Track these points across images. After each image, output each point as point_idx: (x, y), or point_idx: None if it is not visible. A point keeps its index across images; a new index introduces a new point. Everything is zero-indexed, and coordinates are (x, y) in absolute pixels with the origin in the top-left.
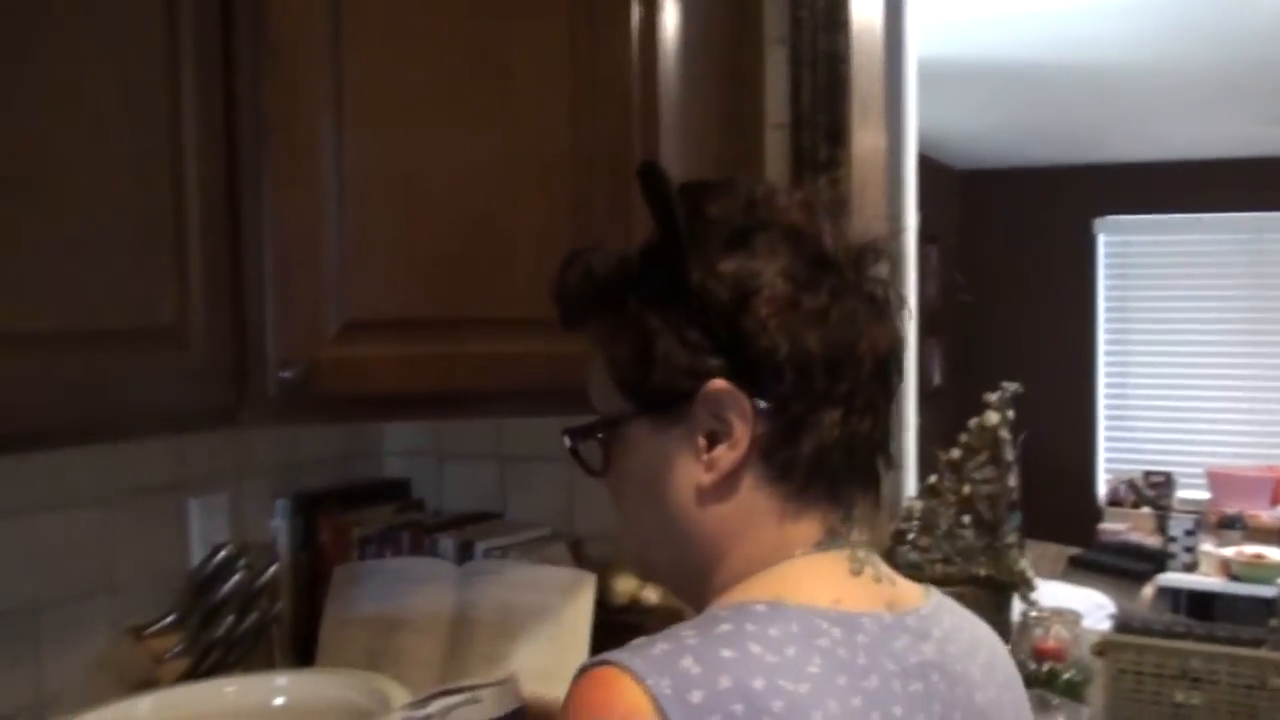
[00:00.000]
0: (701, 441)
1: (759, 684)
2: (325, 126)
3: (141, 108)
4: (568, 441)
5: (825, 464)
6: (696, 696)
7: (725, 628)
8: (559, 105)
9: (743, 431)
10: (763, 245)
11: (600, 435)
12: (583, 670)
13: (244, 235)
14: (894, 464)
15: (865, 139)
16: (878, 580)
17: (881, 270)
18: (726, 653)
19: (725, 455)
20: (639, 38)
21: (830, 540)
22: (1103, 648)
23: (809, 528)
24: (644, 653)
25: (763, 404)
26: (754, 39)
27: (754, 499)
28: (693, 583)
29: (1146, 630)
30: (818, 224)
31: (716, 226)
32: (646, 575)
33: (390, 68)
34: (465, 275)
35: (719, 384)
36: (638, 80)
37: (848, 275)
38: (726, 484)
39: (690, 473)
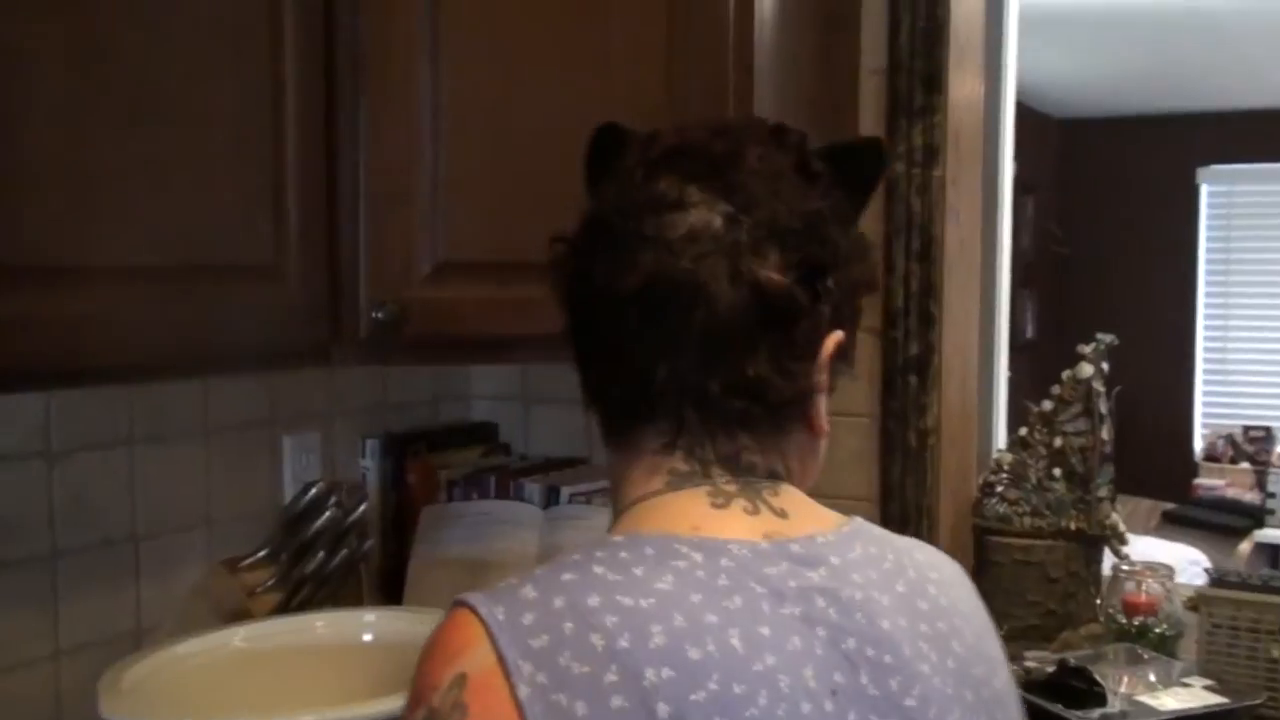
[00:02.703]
0: None
1: (594, 601)
2: (421, 66)
3: (242, 47)
4: None
5: (606, 406)
6: (528, 619)
7: (575, 557)
8: (654, 50)
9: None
10: (621, 184)
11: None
12: (446, 610)
13: (340, 175)
14: (770, 408)
15: (963, 86)
16: (753, 513)
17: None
18: (566, 576)
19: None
20: None
21: (681, 480)
22: (1197, 602)
23: (656, 470)
24: (493, 588)
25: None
26: None
27: (602, 429)
28: (615, 498)
29: (1242, 584)
30: (686, 152)
31: (600, 168)
32: None
33: (487, 8)
34: (555, 219)
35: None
36: (734, 20)
37: (723, 212)
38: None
39: None
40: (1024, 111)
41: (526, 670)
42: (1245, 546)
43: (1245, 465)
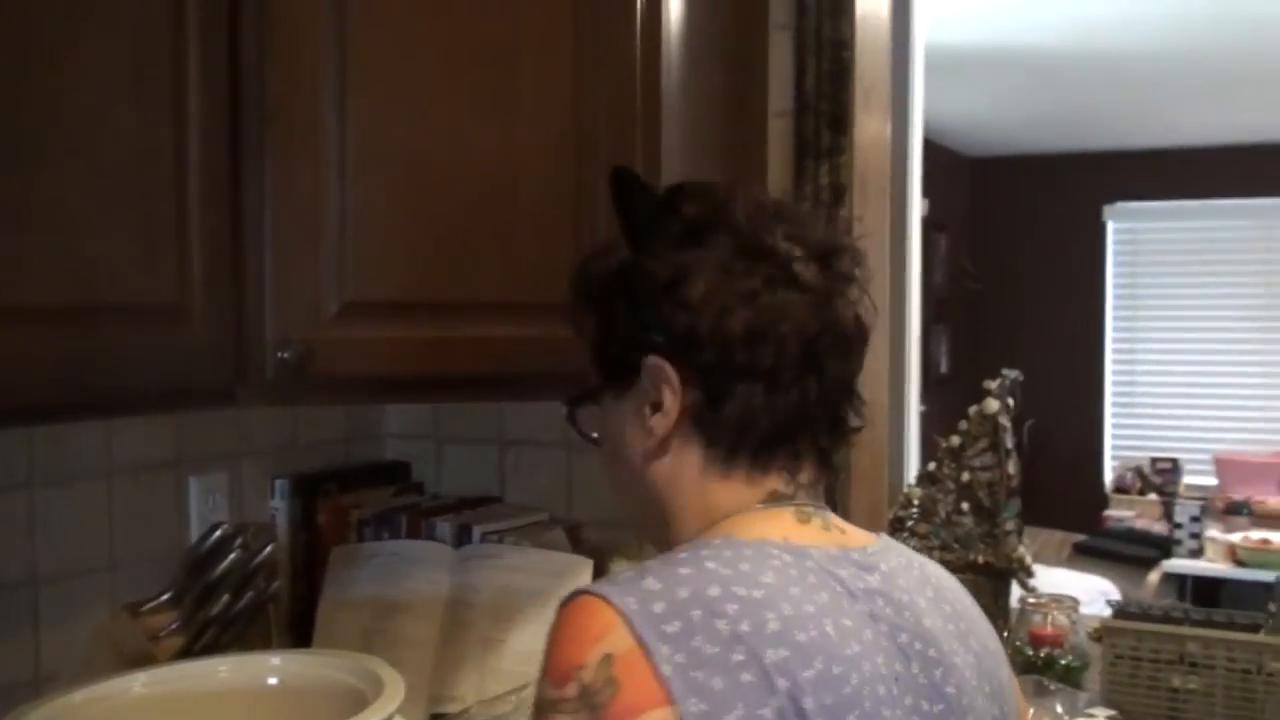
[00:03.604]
0: (646, 410)
1: (714, 591)
2: (328, 106)
3: (146, 85)
4: (564, 409)
5: (750, 431)
6: (659, 607)
7: (682, 555)
8: (561, 89)
9: (671, 401)
10: (710, 240)
11: (579, 404)
12: (562, 604)
13: (245, 214)
14: (845, 436)
15: (869, 126)
16: (826, 529)
17: (845, 266)
18: (684, 570)
19: (659, 422)
20: (642, 21)
21: (773, 502)
22: (1100, 633)
23: (752, 492)
24: (611, 580)
25: (694, 376)
26: (758, 24)
27: (687, 460)
28: (660, 532)
29: (1144, 615)
30: (765, 223)
31: (678, 225)
32: (634, 528)
33: (394, 48)
34: (465, 258)
35: (653, 359)
36: (640, 65)
37: (787, 269)
38: (662, 447)
39: (637, 437)
40: (935, 150)
41: (665, 651)
42: (1154, 577)
43: (1153, 496)
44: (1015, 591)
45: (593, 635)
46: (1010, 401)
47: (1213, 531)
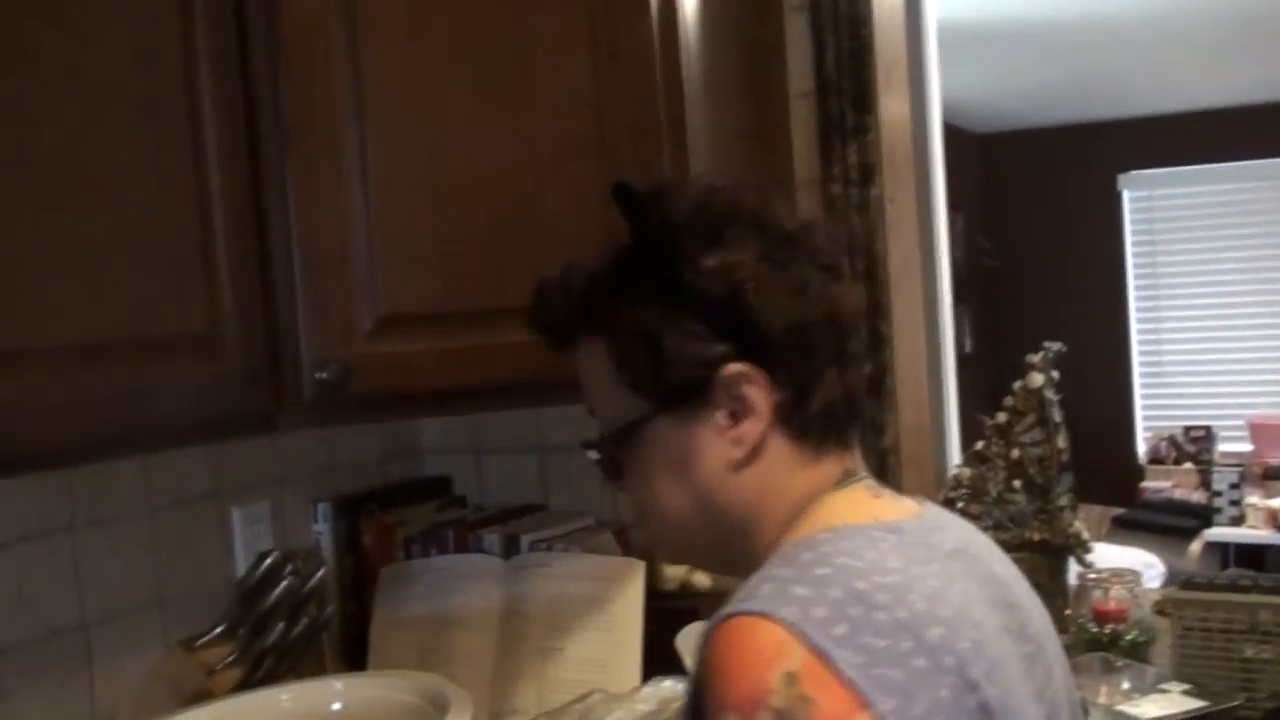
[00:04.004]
0: (724, 420)
1: (861, 584)
2: (346, 124)
3: (160, 118)
4: (594, 455)
5: (834, 417)
6: (820, 612)
7: (807, 555)
8: (580, 87)
9: (763, 403)
10: (733, 237)
11: (625, 440)
12: (712, 630)
13: (271, 238)
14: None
15: (892, 105)
16: (896, 500)
17: (823, 240)
18: (821, 571)
19: (751, 428)
20: (659, 14)
21: (848, 478)
22: (1166, 605)
23: (827, 471)
24: (755, 599)
25: (774, 374)
26: (773, 7)
27: (779, 460)
28: (734, 550)
29: (1211, 586)
30: (774, 206)
31: (688, 228)
32: (680, 558)
33: (407, 62)
34: (497, 263)
35: (734, 366)
36: (659, 55)
37: (805, 247)
38: (754, 453)
39: (719, 451)
40: (945, 128)
41: (843, 655)
42: (1196, 547)
43: (1189, 465)
44: (1072, 569)
45: (767, 656)
46: (1055, 375)
47: (1253, 498)
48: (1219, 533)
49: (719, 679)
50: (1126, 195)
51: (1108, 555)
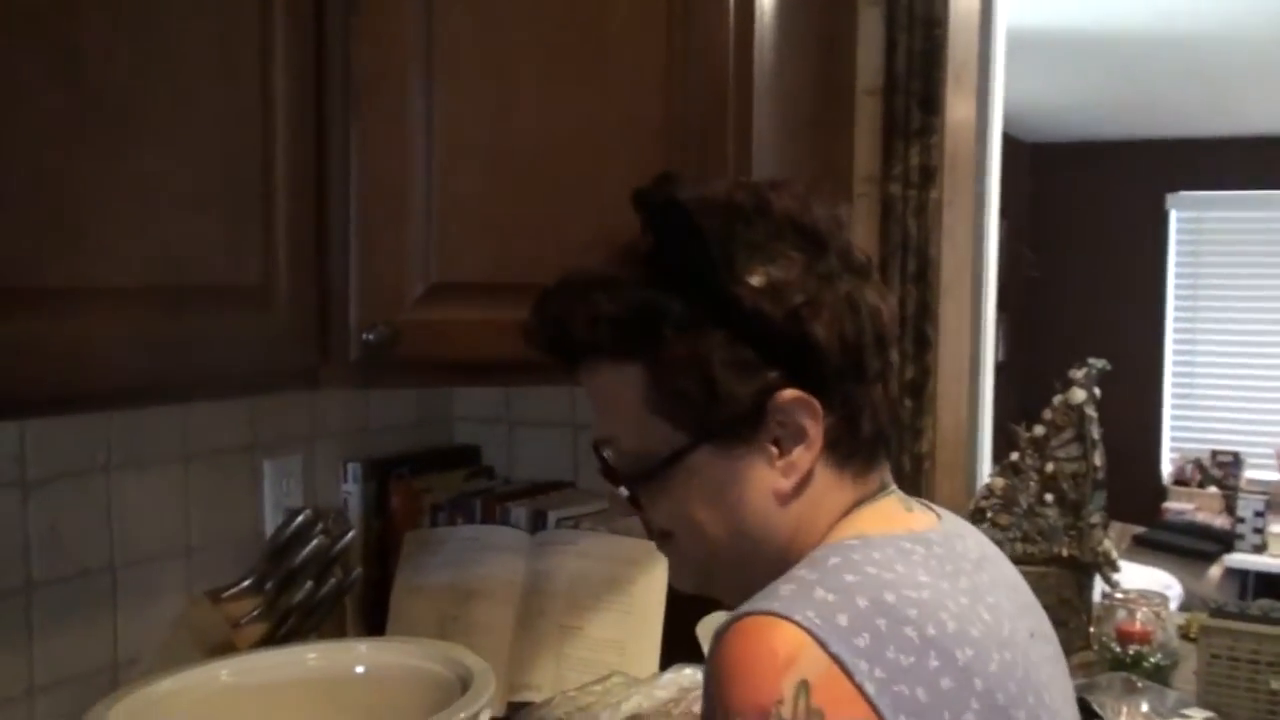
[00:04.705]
0: (772, 449)
1: (890, 597)
2: (415, 86)
3: (231, 67)
4: (624, 492)
5: (882, 437)
6: (843, 620)
7: (835, 560)
8: (653, 71)
9: (815, 431)
10: (777, 249)
11: (659, 474)
12: (726, 628)
13: (330, 196)
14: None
15: (958, 108)
16: (926, 510)
17: (847, 231)
18: (849, 578)
19: (803, 456)
20: (735, 2)
21: (879, 493)
22: (1189, 630)
23: (865, 486)
24: (774, 599)
25: (826, 398)
26: (848, 1)
27: (826, 485)
28: (760, 575)
29: (1241, 615)
30: (811, 210)
31: (727, 239)
32: (704, 587)
33: (482, 28)
34: (552, 239)
35: (788, 394)
36: (734, 45)
37: (839, 250)
38: (804, 481)
39: (766, 480)
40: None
41: (864, 667)
42: (1215, 571)
43: (1213, 490)
44: (1098, 587)
45: (781, 661)
46: (1096, 391)
47: (1276, 526)
48: (1240, 559)
49: (729, 681)
50: (1174, 215)
51: (1126, 573)
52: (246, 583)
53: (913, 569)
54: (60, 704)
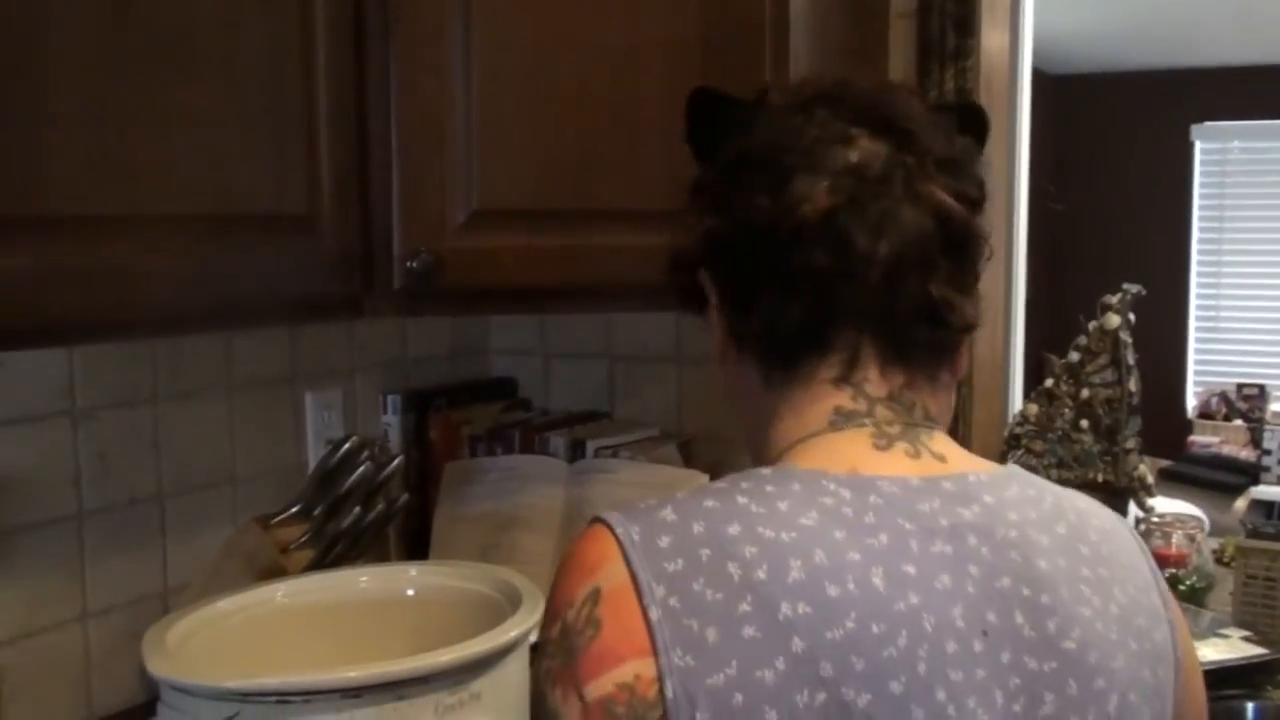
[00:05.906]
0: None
1: (733, 530)
2: (452, 13)
3: None
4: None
5: (777, 338)
6: (664, 541)
7: (720, 485)
8: None
9: (716, 300)
10: (810, 116)
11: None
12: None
13: (371, 124)
14: (926, 333)
15: (993, 34)
16: (914, 454)
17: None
18: (709, 503)
19: (712, 316)
20: None
21: (844, 420)
22: (1223, 552)
23: (818, 408)
24: (632, 508)
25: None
26: None
27: (744, 368)
28: (757, 448)
29: (1278, 536)
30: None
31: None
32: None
33: None
34: (591, 165)
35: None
36: None
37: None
38: (727, 350)
39: (716, 338)
40: None
41: (659, 592)
42: (1241, 503)
43: (1239, 422)
44: (1132, 512)
45: (587, 567)
46: (1131, 317)
47: None
48: (1266, 491)
49: (555, 578)
50: (1199, 146)
51: (1155, 506)
52: (295, 509)
53: (802, 509)
54: (113, 629)
